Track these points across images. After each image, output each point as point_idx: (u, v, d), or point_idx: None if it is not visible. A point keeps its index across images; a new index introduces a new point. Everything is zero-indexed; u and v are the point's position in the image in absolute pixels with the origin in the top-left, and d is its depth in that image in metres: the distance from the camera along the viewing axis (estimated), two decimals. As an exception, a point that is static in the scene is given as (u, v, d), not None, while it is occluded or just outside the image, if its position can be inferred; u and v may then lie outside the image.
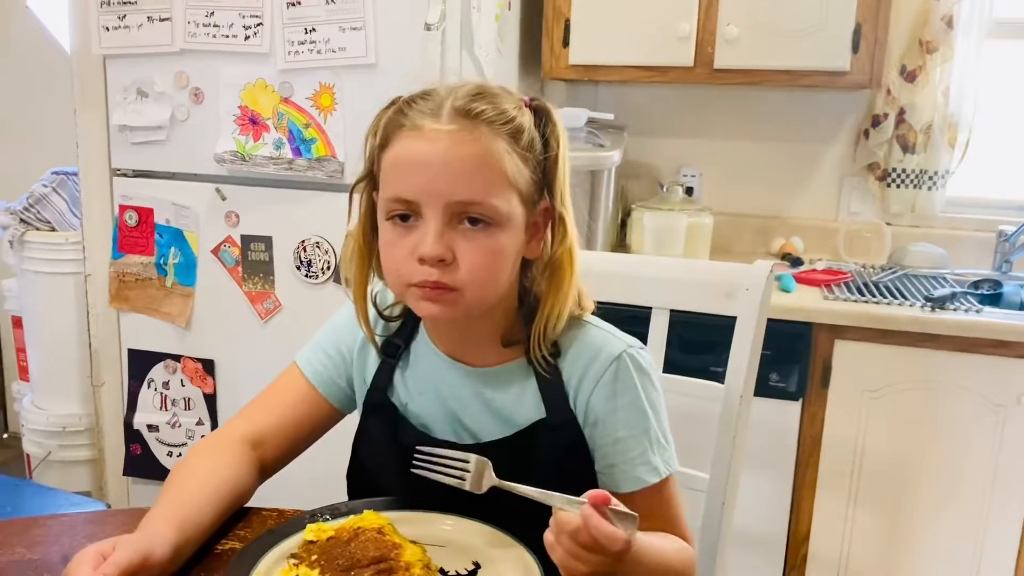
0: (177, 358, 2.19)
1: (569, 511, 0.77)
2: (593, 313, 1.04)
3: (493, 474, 0.86)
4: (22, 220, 2.40)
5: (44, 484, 2.35)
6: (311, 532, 0.85)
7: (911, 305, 1.98)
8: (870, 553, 2.06)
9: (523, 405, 0.99)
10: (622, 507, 0.78)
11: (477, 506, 0.90)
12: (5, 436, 3.33)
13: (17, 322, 2.71)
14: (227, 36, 1.98)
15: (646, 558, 0.86)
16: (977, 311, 1.95)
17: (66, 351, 2.43)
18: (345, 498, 1.05)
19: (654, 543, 0.90)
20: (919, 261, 2.31)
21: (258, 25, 1.95)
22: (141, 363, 2.23)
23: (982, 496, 1.98)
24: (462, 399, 1.01)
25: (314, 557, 0.81)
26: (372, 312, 1.04)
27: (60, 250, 2.38)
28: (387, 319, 1.05)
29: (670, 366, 1.40)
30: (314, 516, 0.89)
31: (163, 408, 2.23)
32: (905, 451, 2.00)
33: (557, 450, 0.98)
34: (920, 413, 1.98)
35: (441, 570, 0.83)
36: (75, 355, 2.41)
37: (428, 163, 0.89)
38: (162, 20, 2.02)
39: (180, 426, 2.22)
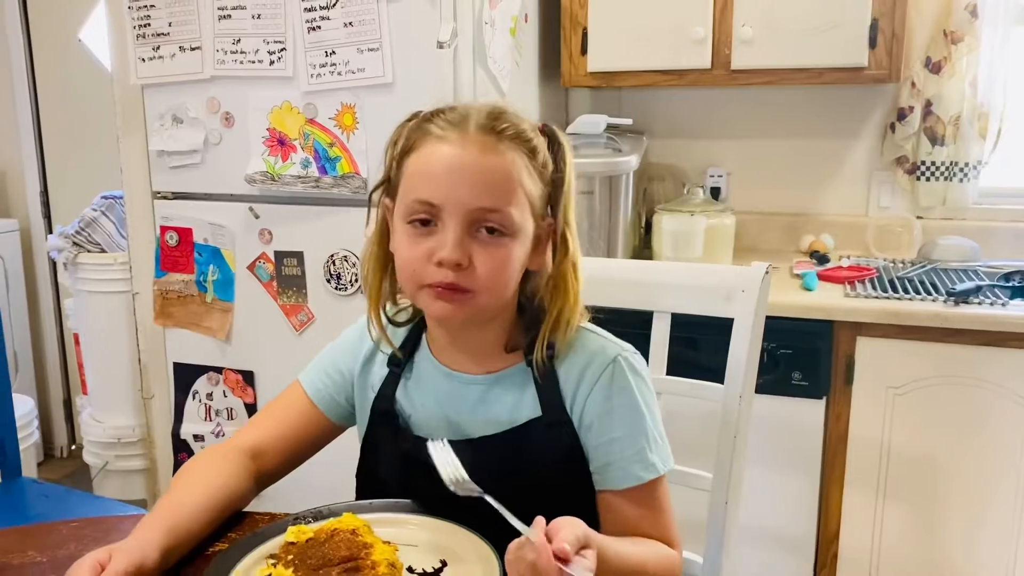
0: (219, 370, 2.30)
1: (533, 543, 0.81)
2: (590, 320, 1.09)
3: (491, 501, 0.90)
4: (75, 243, 2.53)
5: (103, 494, 2.49)
6: (291, 534, 0.91)
7: (933, 300, 1.96)
8: (901, 551, 2.05)
9: (521, 409, 1.03)
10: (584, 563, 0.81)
11: (463, 514, 0.95)
12: (73, 448, 3.50)
13: (77, 339, 2.87)
14: (253, 62, 2.08)
15: (614, 564, 0.89)
16: (1003, 304, 1.92)
17: (119, 366, 2.57)
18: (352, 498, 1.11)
19: (626, 550, 0.93)
20: (948, 254, 2.27)
21: (282, 50, 2.04)
22: (186, 376, 2.34)
23: (1014, 492, 1.94)
24: (460, 409, 1.05)
25: (290, 557, 0.87)
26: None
27: (110, 270, 2.51)
28: (395, 324, 1.11)
29: (675, 368, 1.43)
30: (297, 519, 0.95)
31: (207, 419, 2.33)
32: (933, 448, 1.98)
33: (551, 448, 1.02)
34: (947, 409, 1.95)
35: (409, 568, 0.88)
36: (127, 369, 2.54)
37: (454, 169, 0.95)
38: (193, 49, 2.12)
39: (224, 435, 2.32)
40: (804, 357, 2.01)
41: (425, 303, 1.00)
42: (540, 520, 0.83)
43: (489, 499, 0.89)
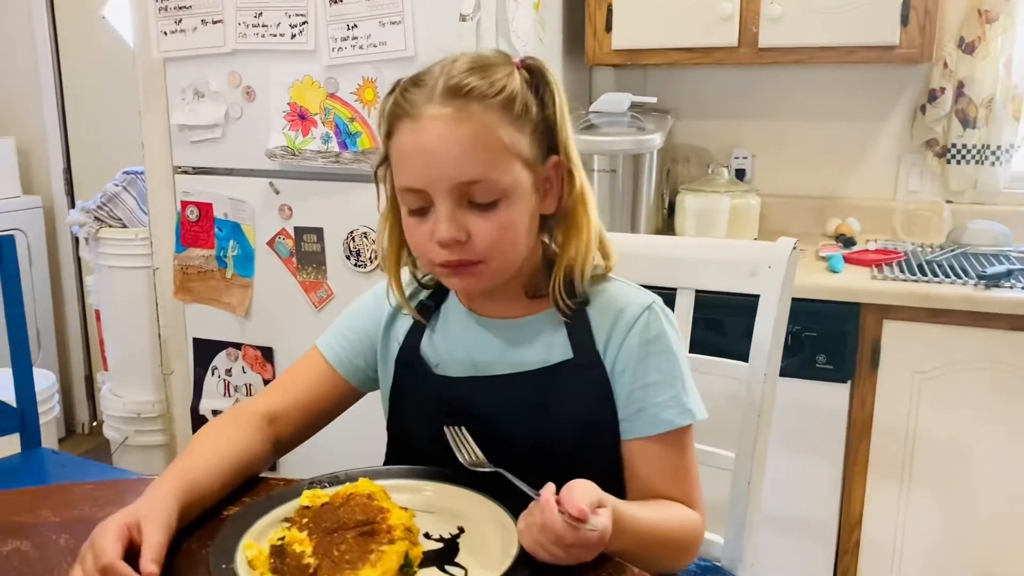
0: (238, 346, 2.29)
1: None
2: None
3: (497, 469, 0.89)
4: (96, 218, 2.54)
5: (124, 468, 2.50)
6: (307, 498, 0.89)
7: (963, 283, 1.92)
8: (925, 539, 2.01)
9: (552, 352, 1.02)
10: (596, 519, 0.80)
11: (486, 479, 0.93)
12: (95, 424, 3.52)
13: (99, 315, 2.88)
14: (275, 35, 2.06)
15: (634, 533, 0.87)
16: (1035, 288, 1.88)
17: (139, 341, 2.57)
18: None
19: (644, 514, 0.91)
20: (978, 239, 2.23)
21: (303, 23, 2.02)
22: (205, 352, 2.34)
23: (1043, 480, 1.91)
24: (488, 352, 1.05)
25: (305, 520, 0.85)
26: (405, 279, 1.10)
27: (131, 245, 2.51)
28: (423, 285, 1.11)
29: (696, 346, 1.40)
30: (312, 483, 0.94)
31: (226, 394, 2.33)
32: (959, 434, 1.94)
33: (581, 390, 1.01)
34: (974, 395, 1.91)
35: (426, 534, 0.86)
36: (147, 345, 2.55)
37: (427, 151, 0.93)
38: (215, 22, 2.11)
39: (242, 411, 2.31)
40: (829, 340, 1.97)
41: (444, 280, 1.02)
42: (550, 485, 0.81)
43: (505, 473, 0.87)
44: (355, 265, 2.12)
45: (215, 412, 2.34)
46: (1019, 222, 2.31)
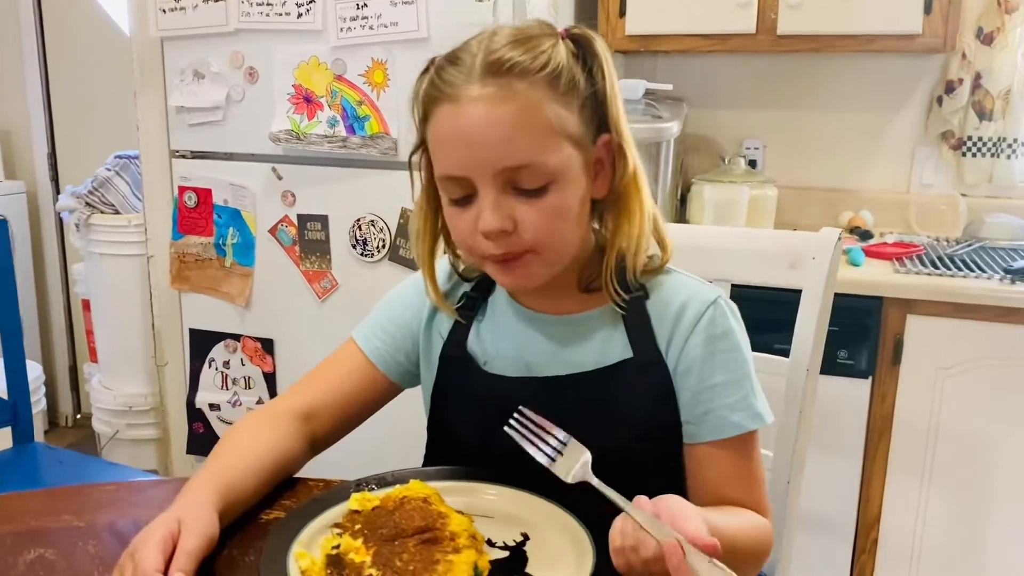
0: (237, 337, 2.21)
1: (651, 532, 0.72)
2: None
3: (589, 469, 0.81)
4: (87, 204, 2.44)
5: (116, 462, 2.41)
6: (356, 502, 0.83)
7: (988, 278, 1.88)
8: (944, 539, 1.98)
9: (610, 351, 0.95)
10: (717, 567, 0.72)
11: (538, 478, 0.87)
12: (79, 416, 3.42)
13: (86, 305, 2.78)
14: (280, 14, 1.98)
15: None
16: (1061, 283, 1.84)
17: (131, 332, 2.48)
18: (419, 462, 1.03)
19: (721, 522, 0.85)
20: (996, 233, 2.20)
21: (311, 2, 1.95)
22: (202, 343, 2.26)
23: (1066, 478, 1.88)
24: (541, 351, 0.98)
25: (358, 527, 0.79)
26: (443, 273, 1.03)
27: (124, 232, 2.42)
28: (465, 279, 1.04)
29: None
30: (359, 486, 0.87)
31: (224, 387, 2.25)
32: (982, 432, 1.91)
33: (641, 391, 0.94)
34: (998, 391, 1.88)
35: (489, 540, 0.80)
36: (140, 336, 2.46)
37: (467, 135, 0.86)
38: (216, 0, 2.03)
39: (241, 405, 2.24)
40: (850, 335, 1.93)
41: (493, 275, 0.95)
42: (642, 499, 0.74)
43: (594, 482, 0.79)
44: (361, 255, 2.04)
45: (212, 406, 2.26)
46: (1035, 216, 2.28)
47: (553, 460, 0.82)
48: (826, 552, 2.05)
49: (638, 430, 0.94)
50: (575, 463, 0.81)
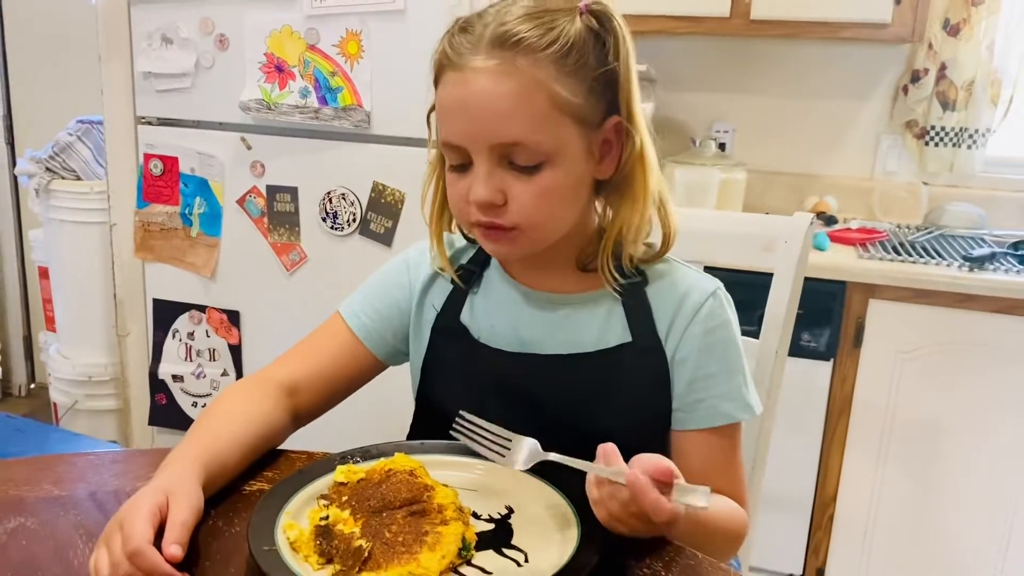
0: (202, 309, 2.19)
1: (617, 481, 0.75)
2: None
3: (539, 449, 0.82)
4: (48, 169, 2.38)
5: (76, 432, 2.37)
6: (341, 474, 0.83)
7: (948, 265, 1.93)
8: (898, 516, 2.04)
9: (608, 333, 0.96)
10: (688, 486, 0.76)
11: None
12: (32, 386, 3.36)
13: (43, 272, 2.72)
14: (253, -19, 1.95)
15: (693, 520, 0.83)
16: (1017, 271, 1.90)
17: (92, 301, 2.43)
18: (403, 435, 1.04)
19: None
20: (956, 221, 2.25)
21: (284, -31, 1.91)
22: (166, 313, 2.23)
23: (1016, 461, 1.94)
24: (538, 327, 0.98)
25: (345, 498, 0.79)
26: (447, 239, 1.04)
27: (85, 199, 2.37)
28: (469, 240, 1.04)
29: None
30: (344, 458, 0.87)
31: (188, 359, 2.23)
32: (938, 414, 1.96)
33: (639, 376, 0.95)
34: (955, 376, 1.94)
35: (474, 513, 0.81)
36: (101, 305, 2.41)
37: (467, 107, 0.87)
38: (187, -36, 1.98)
39: (205, 377, 2.22)
40: (814, 318, 1.97)
41: (481, 242, 0.95)
42: (607, 447, 0.76)
43: (556, 456, 0.81)
44: (332, 228, 2.03)
45: (175, 377, 2.24)
46: (993, 205, 2.34)
47: (503, 456, 0.83)
48: (783, 529, 2.10)
49: (633, 415, 0.95)
50: (523, 452, 0.82)
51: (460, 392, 0.98)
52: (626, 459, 0.80)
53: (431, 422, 1.03)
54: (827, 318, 1.97)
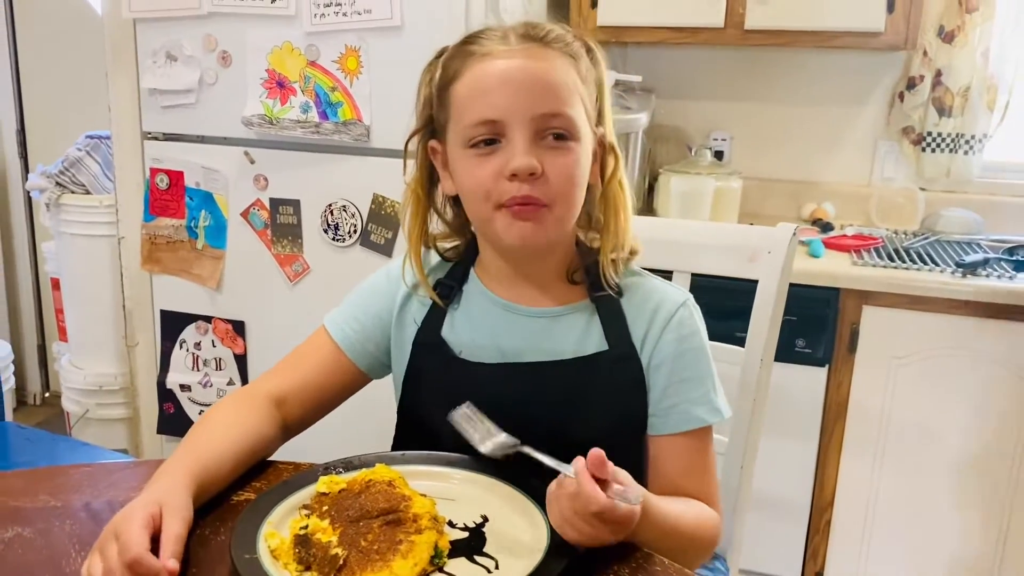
0: (208, 319, 2.23)
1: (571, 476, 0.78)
2: None
3: (514, 442, 0.87)
4: (58, 183, 2.44)
5: (86, 441, 2.42)
6: (323, 484, 0.86)
7: (941, 271, 1.95)
8: (895, 521, 2.05)
9: (586, 343, 1.01)
10: (627, 484, 0.79)
11: (500, 465, 0.91)
12: (47, 395, 3.42)
13: (56, 284, 2.78)
14: (254, -1, 1.99)
15: (657, 525, 0.86)
16: (1010, 277, 1.91)
17: (102, 312, 2.49)
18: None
19: (667, 505, 0.90)
20: (952, 227, 2.26)
21: (284, -13, 1.96)
22: (173, 324, 2.27)
23: (1010, 466, 1.95)
24: (517, 341, 1.02)
25: (325, 508, 0.82)
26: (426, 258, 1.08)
27: (94, 213, 2.42)
28: (446, 258, 1.09)
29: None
30: (327, 469, 0.91)
31: (195, 368, 2.27)
32: (932, 419, 1.98)
33: (616, 383, 1.00)
34: (949, 381, 1.95)
35: (450, 522, 0.84)
36: (110, 316, 2.47)
37: (510, 79, 0.93)
38: (190, -17, 2.03)
39: (212, 386, 2.26)
40: (809, 324, 1.99)
41: (502, 228, 0.96)
42: (579, 459, 0.80)
43: (527, 449, 0.85)
44: (333, 239, 2.07)
45: (183, 386, 2.28)
46: (990, 211, 2.35)
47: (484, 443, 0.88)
48: (781, 534, 2.12)
49: (610, 420, 0.99)
50: (498, 439, 0.88)
51: (440, 404, 1.01)
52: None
53: (413, 432, 1.07)
54: (822, 324, 1.99)
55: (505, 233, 0.96)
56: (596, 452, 0.78)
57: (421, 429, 1.04)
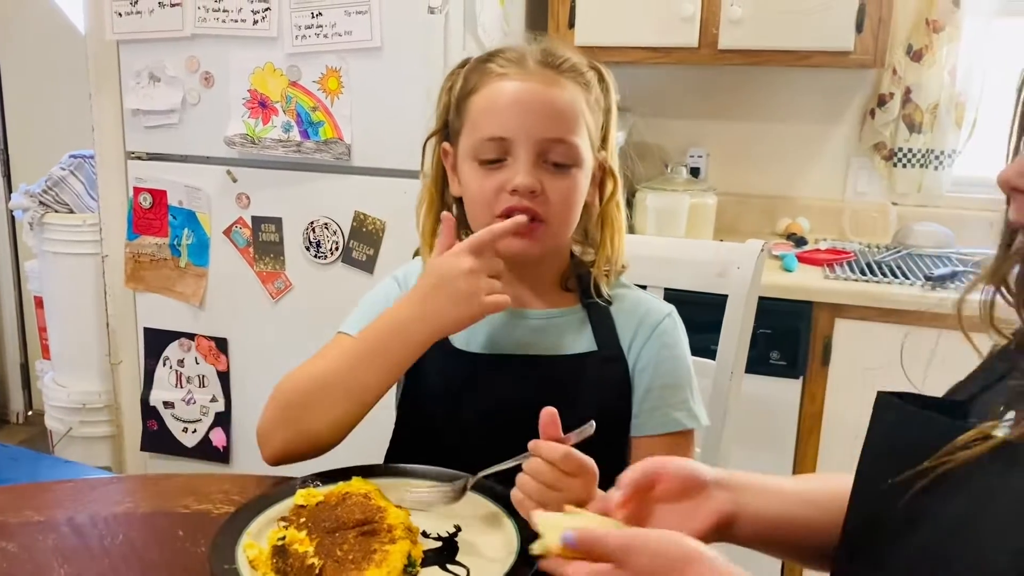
0: (191, 336, 2.25)
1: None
2: None
3: (469, 476, 0.93)
4: (41, 203, 2.46)
5: (71, 459, 2.43)
6: (301, 497, 0.89)
7: (911, 284, 1.99)
8: (870, 529, 2.08)
9: (577, 344, 1.08)
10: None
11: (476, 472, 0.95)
12: (30, 413, 3.42)
13: (39, 302, 2.78)
14: (236, 21, 2.03)
15: None
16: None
17: (85, 330, 2.50)
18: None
19: None
20: (923, 240, 2.31)
21: (266, 10, 1.99)
22: (157, 342, 2.29)
23: (981, 473, 1.99)
24: (514, 340, 1.08)
25: (302, 520, 0.85)
26: (418, 272, 1.11)
27: (78, 232, 2.44)
28: None
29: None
30: (305, 482, 0.93)
31: (178, 385, 2.29)
32: (905, 428, 2.01)
33: (602, 382, 1.06)
34: (921, 391, 1.99)
35: (424, 532, 0.87)
36: (94, 334, 2.48)
37: (522, 101, 1.00)
38: (173, 5, 2.06)
39: (195, 403, 2.28)
40: (782, 337, 2.03)
41: (501, 241, 1.02)
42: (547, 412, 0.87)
43: (483, 472, 0.91)
44: (315, 256, 2.10)
45: (166, 403, 2.30)
46: (960, 224, 2.39)
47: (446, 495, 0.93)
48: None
49: (596, 418, 1.01)
50: (458, 484, 0.93)
51: (439, 395, 1.08)
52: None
53: (413, 423, 1.12)
54: (795, 337, 2.03)
55: (504, 245, 1.02)
56: (548, 410, 0.85)
57: (420, 420, 1.10)
